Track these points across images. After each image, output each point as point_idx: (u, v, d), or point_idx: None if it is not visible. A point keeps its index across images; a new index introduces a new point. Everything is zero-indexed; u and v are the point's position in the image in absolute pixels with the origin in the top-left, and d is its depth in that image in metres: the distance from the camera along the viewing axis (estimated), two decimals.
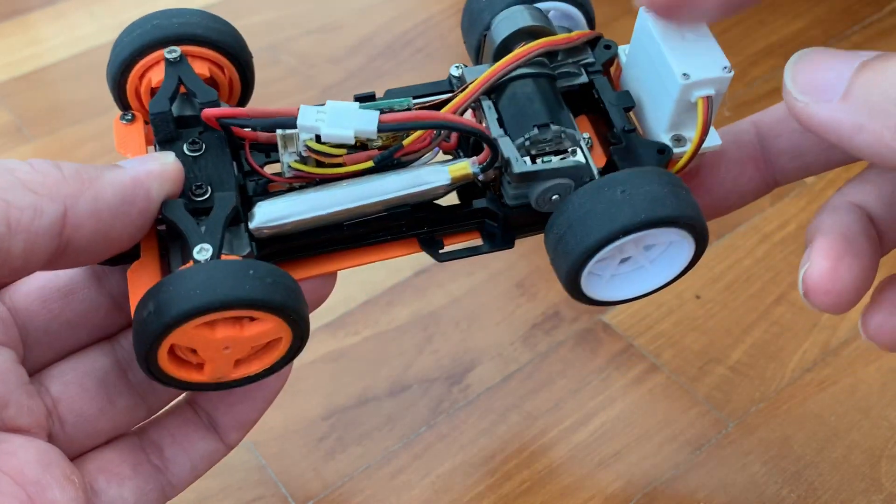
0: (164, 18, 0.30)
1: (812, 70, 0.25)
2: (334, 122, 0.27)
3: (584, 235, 0.27)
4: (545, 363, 0.47)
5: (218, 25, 0.31)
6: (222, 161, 0.29)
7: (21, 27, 0.68)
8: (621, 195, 0.26)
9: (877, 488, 0.42)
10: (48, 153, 0.58)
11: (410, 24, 0.68)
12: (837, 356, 0.47)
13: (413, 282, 0.51)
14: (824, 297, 0.27)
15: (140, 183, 0.26)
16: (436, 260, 0.30)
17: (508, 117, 0.29)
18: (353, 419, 0.45)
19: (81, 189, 0.25)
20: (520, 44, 0.31)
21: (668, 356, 0.47)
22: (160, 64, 0.30)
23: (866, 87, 0.23)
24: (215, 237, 0.26)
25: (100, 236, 0.25)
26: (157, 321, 0.24)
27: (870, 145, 0.23)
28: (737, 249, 0.52)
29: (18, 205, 0.24)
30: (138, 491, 0.29)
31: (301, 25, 0.68)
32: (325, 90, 0.62)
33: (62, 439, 0.29)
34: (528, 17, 0.31)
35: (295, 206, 0.28)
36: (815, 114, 0.24)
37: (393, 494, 0.43)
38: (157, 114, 0.29)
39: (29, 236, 0.24)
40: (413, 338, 0.49)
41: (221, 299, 0.24)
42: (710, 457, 0.43)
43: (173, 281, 0.24)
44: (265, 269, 0.25)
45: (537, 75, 0.30)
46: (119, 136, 0.30)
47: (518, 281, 0.51)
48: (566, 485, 0.43)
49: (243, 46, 0.32)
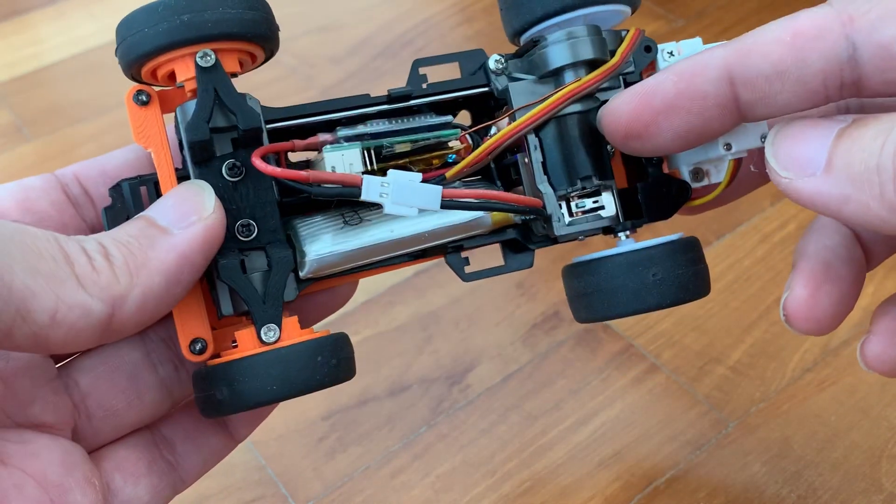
0: (194, 13, 0.27)
1: (791, 145, 0.25)
2: (398, 198, 0.27)
3: (611, 305, 0.29)
4: (545, 363, 0.47)
5: (253, 14, 0.28)
6: (263, 188, 0.28)
7: (21, 27, 0.68)
8: (653, 279, 0.28)
9: (877, 488, 0.42)
10: (48, 153, 0.58)
11: (410, 24, 0.68)
12: (837, 356, 0.47)
13: (413, 282, 0.51)
14: (804, 323, 0.29)
15: (186, 259, 0.26)
16: (462, 280, 0.31)
17: (553, 162, 0.30)
18: (353, 419, 0.45)
19: (130, 286, 0.25)
20: (574, 73, 0.30)
21: (668, 356, 0.47)
22: (186, 59, 0.27)
23: (846, 158, 0.23)
24: (277, 309, 0.27)
25: (146, 320, 0.26)
26: (233, 407, 0.26)
27: (858, 216, 0.23)
28: (737, 249, 0.52)
29: (68, 302, 0.24)
30: (153, 489, 0.29)
31: (301, 25, 0.68)
32: (325, 90, 0.62)
33: (88, 433, 0.29)
34: (589, 47, 0.30)
35: (347, 256, 0.29)
36: (800, 189, 0.24)
37: (393, 494, 0.43)
38: (197, 142, 0.27)
39: (70, 331, 0.24)
40: (413, 338, 0.49)
41: (296, 392, 0.26)
42: (710, 457, 0.43)
43: (248, 371, 0.26)
44: (330, 350, 0.27)
45: (587, 112, 0.30)
46: (136, 121, 0.28)
47: (518, 281, 0.51)
48: (566, 485, 0.43)
49: (275, 30, 0.29)
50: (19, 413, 0.27)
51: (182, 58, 0.27)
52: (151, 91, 0.28)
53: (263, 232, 0.28)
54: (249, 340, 0.27)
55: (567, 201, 0.30)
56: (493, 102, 0.31)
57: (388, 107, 0.30)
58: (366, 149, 0.29)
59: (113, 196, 0.28)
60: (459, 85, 0.31)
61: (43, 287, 0.23)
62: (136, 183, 0.28)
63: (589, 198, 0.30)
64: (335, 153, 0.28)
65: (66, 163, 0.57)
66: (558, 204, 0.29)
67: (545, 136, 0.30)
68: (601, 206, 0.30)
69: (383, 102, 0.30)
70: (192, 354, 0.28)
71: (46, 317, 0.23)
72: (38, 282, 0.23)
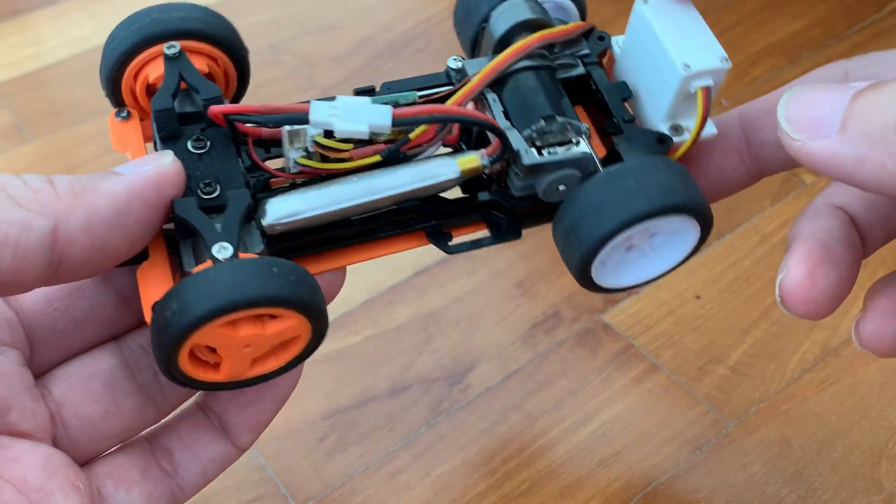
0: (162, 13, 0.30)
1: (805, 107, 0.24)
2: (348, 116, 0.27)
3: (598, 224, 0.27)
4: (545, 363, 0.47)
5: (216, 20, 0.31)
6: (228, 157, 0.28)
7: (21, 27, 0.68)
8: (634, 184, 0.27)
9: (877, 488, 0.42)
10: (48, 153, 0.58)
11: (410, 24, 0.68)
12: (837, 356, 0.47)
13: (413, 282, 0.51)
14: (801, 305, 0.28)
15: (136, 192, 0.26)
16: (445, 252, 0.30)
17: (514, 109, 0.30)
18: (353, 419, 0.45)
19: (74, 204, 0.25)
20: (520, 36, 0.31)
21: (668, 356, 0.47)
22: (156, 60, 0.30)
23: (862, 118, 0.23)
24: (233, 235, 0.26)
25: (96, 249, 0.25)
26: (183, 320, 0.24)
27: (873, 176, 0.23)
28: (737, 249, 0.52)
29: (6, 219, 0.23)
30: (147, 496, 0.29)
31: (301, 25, 0.68)
32: (325, 90, 0.62)
33: (66, 443, 0.28)
34: (527, 9, 0.31)
35: (307, 202, 0.28)
36: (813, 150, 0.24)
37: (393, 494, 0.43)
38: (161, 111, 0.28)
39: (17, 250, 0.24)
40: (413, 338, 0.49)
41: (248, 297, 0.24)
42: (710, 457, 0.43)
43: (197, 280, 0.24)
44: (288, 266, 0.25)
45: (539, 67, 0.31)
46: (115, 133, 0.30)
47: (518, 281, 0.51)
48: (566, 485, 0.43)
49: (239, 41, 0.31)
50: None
51: (154, 59, 0.30)
52: (132, 111, 0.31)
53: (227, 191, 0.28)
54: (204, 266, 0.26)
55: (537, 150, 0.29)
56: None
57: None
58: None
59: None
60: (421, 83, 0.31)
61: None
62: None
63: (561, 146, 0.29)
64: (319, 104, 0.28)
65: (66, 162, 0.58)
66: (525, 144, 0.29)
67: (503, 91, 0.30)
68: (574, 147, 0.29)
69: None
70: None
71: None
72: None
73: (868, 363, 0.47)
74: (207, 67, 0.30)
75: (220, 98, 0.29)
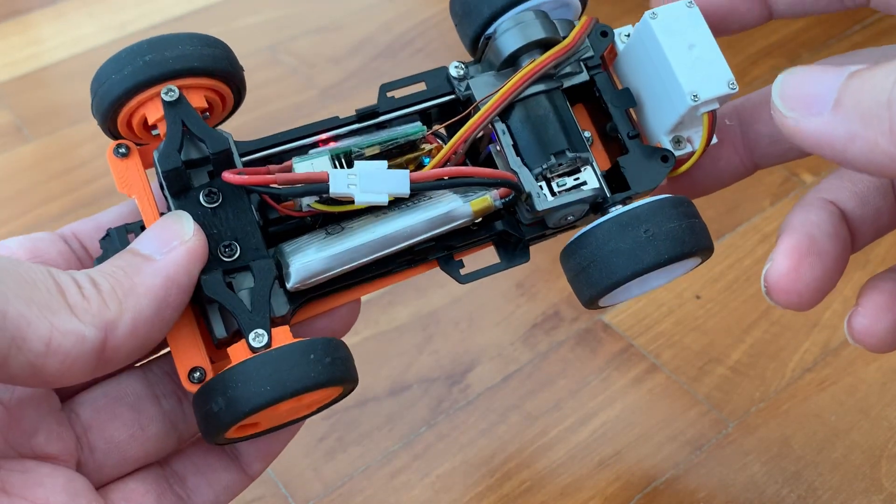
0: (156, 53, 0.28)
1: (800, 84, 0.24)
2: (367, 186, 0.27)
3: (609, 273, 0.28)
4: (545, 363, 0.47)
5: (212, 51, 0.29)
6: (241, 210, 0.28)
7: (21, 27, 0.68)
8: (645, 235, 0.28)
9: (877, 488, 0.42)
10: (48, 153, 0.58)
11: (410, 24, 0.68)
12: (837, 356, 0.47)
13: (413, 282, 0.51)
14: (785, 296, 0.28)
15: (172, 280, 0.26)
16: (458, 282, 0.31)
17: (524, 143, 0.30)
18: (353, 419, 0.45)
19: (120, 311, 0.25)
20: (530, 57, 0.30)
21: (668, 356, 0.47)
22: (154, 101, 0.28)
23: (856, 95, 0.23)
24: (264, 315, 0.27)
25: (138, 348, 0.26)
26: (231, 416, 0.26)
27: (864, 154, 0.23)
28: (737, 249, 0.52)
29: (62, 329, 0.24)
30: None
31: (301, 25, 0.68)
32: (325, 90, 0.62)
33: (91, 467, 0.29)
34: (539, 28, 0.30)
35: (330, 261, 0.28)
36: (805, 128, 0.24)
37: (393, 494, 0.43)
38: (170, 171, 0.28)
39: (66, 359, 0.24)
40: (413, 338, 0.49)
41: (291, 392, 0.26)
42: (710, 457, 0.43)
43: (240, 377, 0.26)
44: (322, 349, 0.26)
45: (548, 91, 0.30)
46: (118, 173, 0.29)
47: (518, 281, 0.51)
48: (566, 485, 0.43)
49: (237, 67, 0.30)
50: (23, 443, 0.27)
51: (151, 100, 0.28)
52: (130, 144, 0.29)
53: (246, 251, 0.28)
54: (241, 351, 0.27)
55: (547, 182, 0.29)
56: (462, 109, 0.31)
57: (359, 125, 0.30)
58: (334, 156, 0.29)
59: (104, 246, 0.29)
60: (424, 96, 0.31)
61: (37, 315, 0.23)
62: (123, 229, 0.29)
63: (569, 176, 0.29)
64: (304, 162, 0.28)
65: (65, 163, 0.58)
66: (537, 183, 0.29)
67: (512, 120, 0.30)
68: (583, 181, 0.29)
69: (353, 122, 0.30)
70: (192, 384, 0.28)
71: (42, 344, 0.23)
72: (33, 310, 0.23)
73: (868, 363, 0.47)
74: (206, 101, 0.30)
75: (229, 151, 0.28)
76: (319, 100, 0.62)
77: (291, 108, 0.61)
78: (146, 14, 0.68)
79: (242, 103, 0.32)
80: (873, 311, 0.28)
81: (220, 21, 0.67)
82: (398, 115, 0.31)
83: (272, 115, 0.60)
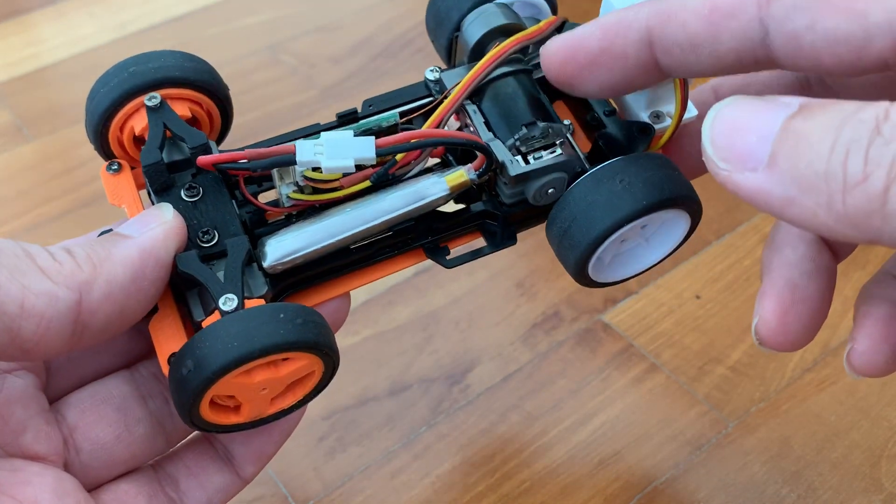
0: (139, 65, 0.30)
1: (731, 133, 0.22)
2: (333, 153, 0.28)
3: (589, 228, 0.27)
4: (545, 363, 0.47)
5: (193, 64, 0.31)
6: (222, 202, 0.29)
7: (21, 27, 0.68)
8: (621, 185, 0.27)
9: (877, 488, 0.42)
10: (48, 153, 0.58)
11: (410, 24, 0.68)
12: (837, 356, 0.47)
13: (413, 282, 0.51)
14: (778, 346, 0.28)
15: (148, 254, 0.26)
16: (444, 267, 0.31)
17: (495, 119, 0.30)
18: (353, 419, 0.45)
19: (94, 274, 0.25)
20: (494, 43, 0.31)
21: (668, 356, 0.47)
22: (140, 112, 0.30)
23: (792, 158, 0.21)
24: (236, 284, 0.27)
25: (116, 315, 0.26)
26: (199, 377, 0.25)
27: (802, 220, 0.21)
28: (737, 249, 0.52)
29: (34, 290, 0.24)
30: None
31: (301, 25, 0.68)
32: (325, 90, 0.62)
33: (77, 468, 0.29)
34: (500, 15, 0.31)
35: (304, 238, 0.28)
36: (739, 184, 0.22)
37: (393, 494, 0.43)
38: (150, 165, 0.29)
39: (42, 321, 0.24)
40: (413, 338, 0.49)
41: (259, 348, 0.25)
42: (710, 457, 0.43)
43: (208, 336, 0.25)
44: (293, 310, 0.26)
45: (516, 72, 0.31)
46: (109, 188, 0.30)
47: (518, 281, 0.51)
48: (566, 485, 0.43)
49: (219, 81, 0.31)
50: (11, 442, 0.27)
51: (137, 111, 0.30)
52: (122, 161, 0.31)
53: (224, 237, 0.28)
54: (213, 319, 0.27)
55: (522, 156, 0.29)
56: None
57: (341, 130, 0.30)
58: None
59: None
60: (402, 98, 0.31)
61: (7, 278, 0.24)
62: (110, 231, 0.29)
63: (545, 150, 0.29)
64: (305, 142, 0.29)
65: (66, 163, 0.58)
66: (512, 156, 0.29)
67: (483, 102, 0.30)
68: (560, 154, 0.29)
69: (334, 127, 0.31)
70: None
71: (15, 306, 0.23)
72: (3, 273, 0.24)
73: None
74: (190, 112, 0.31)
75: (207, 144, 0.29)
76: (319, 100, 0.62)
77: (291, 108, 0.61)
78: (146, 14, 0.68)
79: (244, 100, 0.32)
80: (870, 344, 0.28)
81: (219, 21, 0.67)
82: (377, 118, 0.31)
83: (272, 115, 0.60)
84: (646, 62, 0.26)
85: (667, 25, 0.25)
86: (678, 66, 0.26)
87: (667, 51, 0.26)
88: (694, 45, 0.25)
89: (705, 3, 0.25)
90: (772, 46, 0.24)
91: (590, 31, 0.27)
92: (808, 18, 0.23)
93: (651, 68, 0.26)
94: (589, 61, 0.27)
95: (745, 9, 0.24)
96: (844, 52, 0.23)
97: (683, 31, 0.25)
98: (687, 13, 0.25)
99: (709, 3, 0.25)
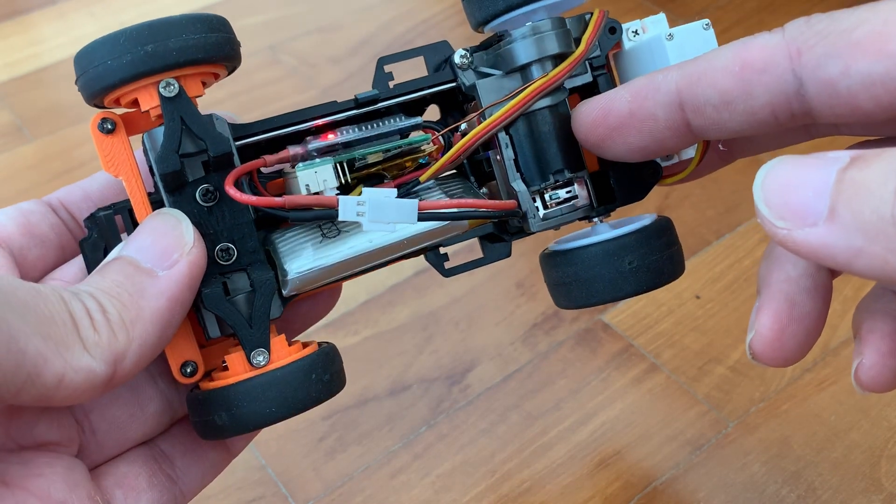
0: (158, 42, 0.26)
1: (784, 190, 0.22)
2: (375, 216, 0.27)
3: (589, 294, 0.29)
4: (545, 363, 0.47)
5: (216, 36, 0.27)
6: (238, 210, 0.28)
7: (21, 27, 0.68)
8: (629, 267, 0.29)
9: (877, 488, 0.42)
10: (48, 153, 0.58)
11: (410, 24, 0.68)
12: (837, 356, 0.47)
13: (413, 282, 0.51)
14: (772, 362, 0.28)
15: (176, 300, 0.26)
16: (442, 275, 0.31)
17: (525, 160, 0.30)
18: (353, 419, 0.45)
19: (128, 341, 0.25)
20: (540, 67, 0.30)
21: (668, 356, 0.47)
22: (149, 89, 0.27)
23: (853, 207, 0.20)
24: (264, 332, 0.28)
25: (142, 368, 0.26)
26: (234, 431, 0.27)
27: (872, 270, 0.20)
28: (737, 249, 0.52)
29: (75, 367, 0.24)
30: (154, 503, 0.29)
31: (301, 25, 0.68)
32: (325, 90, 0.62)
33: (93, 448, 0.29)
34: (555, 42, 0.30)
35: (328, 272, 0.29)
36: (800, 241, 0.21)
37: (393, 494, 0.43)
38: (169, 173, 0.27)
39: (75, 393, 0.24)
40: (413, 338, 0.49)
41: (295, 411, 0.27)
42: (710, 457, 0.43)
43: (244, 397, 0.27)
44: (322, 366, 0.28)
45: (555, 106, 0.30)
46: (103, 150, 0.28)
47: (518, 281, 0.51)
48: (566, 485, 0.43)
49: (236, 45, 0.29)
50: (25, 433, 0.27)
51: (145, 87, 0.27)
52: (115, 118, 0.28)
53: (243, 254, 0.28)
54: (240, 364, 0.28)
55: (541, 195, 0.30)
56: (462, 97, 0.31)
57: (357, 111, 0.30)
58: (338, 163, 0.29)
59: (89, 227, 0.28)
60: (426, 83, 0.31)
61: (54, 352, 0.24)
62: (111, 213, 0.28)
63: (562, 188, 0.30)
64: (308, 171, 0.28)
65: (66, 163, 0.58)
66: (532, 199, 0.30)
67: (516, 132, 0.30)
68: (574, 195, 0.30)
69: (351, 108, 0.30)
70: (184, 377, 0.28)
71: (55, 380, 0.24)
72: (50, 347, 0.23)
73: None
74: (203, 86, 0.28)
75: (230, 154, 0.28)
76: (320, 99, 0.61)
77: (292, 108, 0.61)
78: (146, 14, 0.68)
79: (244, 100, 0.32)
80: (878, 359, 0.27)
81: None
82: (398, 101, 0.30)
83: (272, 114, 0.60)
84: (677, 124, 0.26)
85: (697, 85, 0.25)
86: (710, 126, 0.26)
87: (698, 110, 0.26)
88: (727, 103, 0.25)
89: (735, 61, 0.25)
90: (807, 96, 0.24)
91: (620, 95, 0.27)
92: (842, 64, 0.23)
93: (682, 130, 0.26)
94: (619, 124, 0.27)
95: (776, 62, 0.24)
96: (882, 93, 0.23)
97: (715, 90, 0.25)
98: (717, 72, 0.25)
99: (739, 59, 0.25)
